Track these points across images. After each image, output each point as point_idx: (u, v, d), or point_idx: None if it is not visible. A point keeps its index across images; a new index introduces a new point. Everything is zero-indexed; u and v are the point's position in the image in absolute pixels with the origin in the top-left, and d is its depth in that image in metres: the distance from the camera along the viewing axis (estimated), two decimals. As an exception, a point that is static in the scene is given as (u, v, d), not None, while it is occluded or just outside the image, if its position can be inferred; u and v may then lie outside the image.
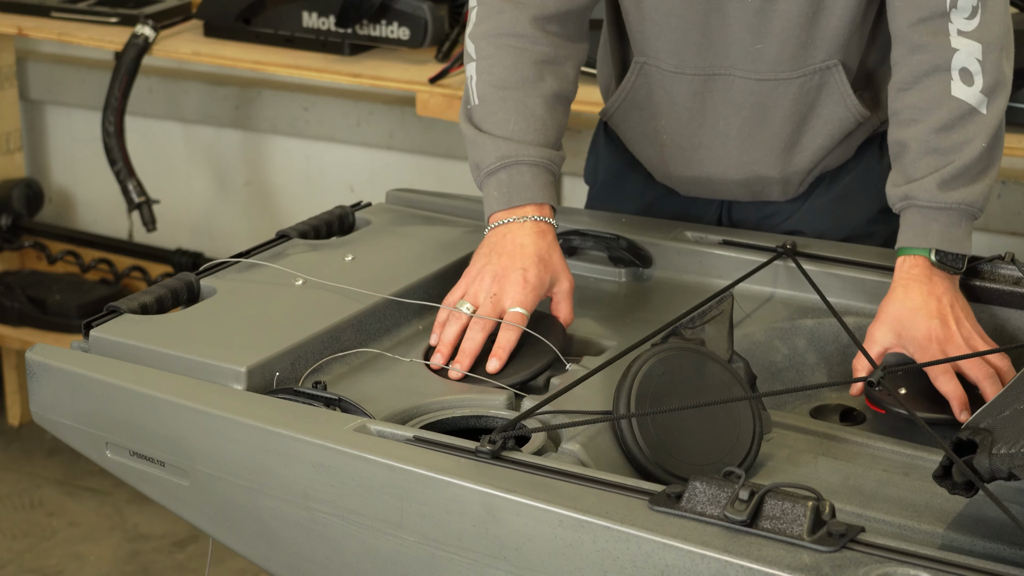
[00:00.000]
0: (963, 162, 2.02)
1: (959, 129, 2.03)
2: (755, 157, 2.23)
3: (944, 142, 2.03)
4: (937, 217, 2.01)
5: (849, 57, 2.18)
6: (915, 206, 2.02)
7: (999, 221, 3.30)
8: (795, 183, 2.27)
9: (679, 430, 1.79)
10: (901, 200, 2.04)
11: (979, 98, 2.04)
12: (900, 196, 2.04)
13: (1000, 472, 1.60)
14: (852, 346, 2.00)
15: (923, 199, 2.01)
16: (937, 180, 2.01)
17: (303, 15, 3.39)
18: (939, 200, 2.01)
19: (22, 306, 3.99)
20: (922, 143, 2.03)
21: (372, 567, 1.71)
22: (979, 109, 2.04)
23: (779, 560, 1.49)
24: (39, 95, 4.33)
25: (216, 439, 1.79)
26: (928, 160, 2.03)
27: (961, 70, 2.03)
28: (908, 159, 2.04)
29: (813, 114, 2.20)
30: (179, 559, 3.54)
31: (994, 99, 2.05)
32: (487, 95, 2.10)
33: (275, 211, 4.14)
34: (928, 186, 2.01)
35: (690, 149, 2.25)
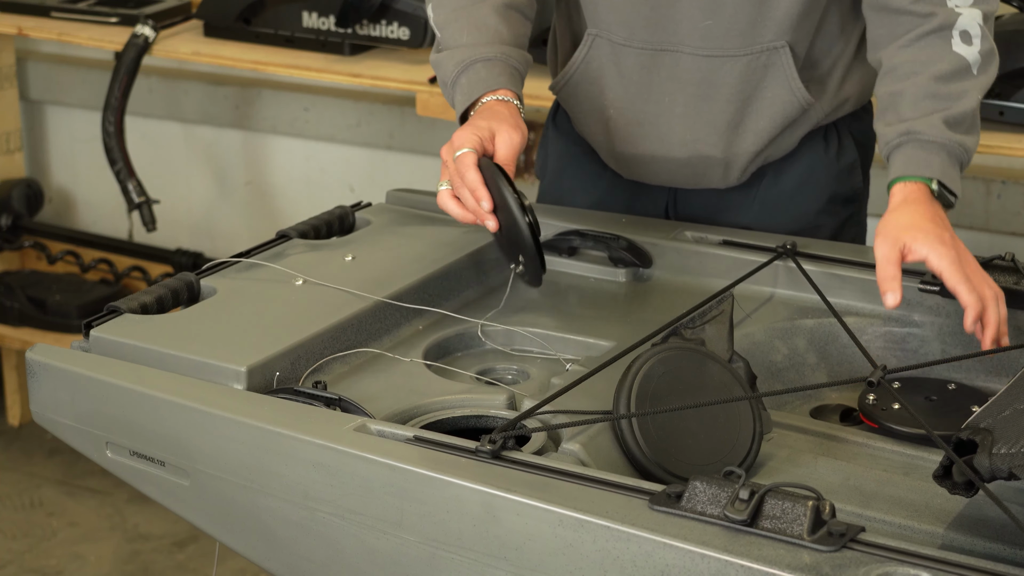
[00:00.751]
0: (961, 109, 2.07)
1: (957, 81, 2.08)
2: (698, 135, 2.25)
3: (944, 89, 2.07)
4: (939, 152, 2.04)
5: (798, 41, 2.21)
6: (918, 140, 2.05)
7: (999, 221, 3.30)
8: (737, 167, 2.28)
9: (679, 430, 1.79)
10: (900, 136, 2.07)
11: (976, 58, 2.10)
12: (900, 132, 2.07)
13: (1000, 472, 1.60)
14: (852, 346, 2.00)
15: (928, 134, 2.04)
16: (941, 118, 2.05)
17: (303, 15, 3.39)
18: (944, 136, 2.04)
19: (22, 306, 3.99)
20: (922, 89, 2.07)
21: (372, 567, 1.71)
22: (973, 68, 2.10)
23: (779, 560, 1.49)
24: (39, 95, 4.33)
25: (216, 439, 1.79)
26: (929, 103, 2.07)
27: (962, 32, 2.10)
28: (906, 103, 2.08)
29: (758, 95, 2.22)
30: (179, 559, 3.54)
31: (986, 66, 2.12)
32: (442, 21, 2.20)
33: (275, 211, 4.14)
34: (934, 122, 2.05)
35: (635, 124, 2.27)
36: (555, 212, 2.30)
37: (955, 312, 2.05)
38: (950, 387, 1.98)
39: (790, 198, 2.31)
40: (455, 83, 2.14)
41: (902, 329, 2.08)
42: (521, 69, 2.16)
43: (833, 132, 2.31)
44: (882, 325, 2.08)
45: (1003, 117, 2.79)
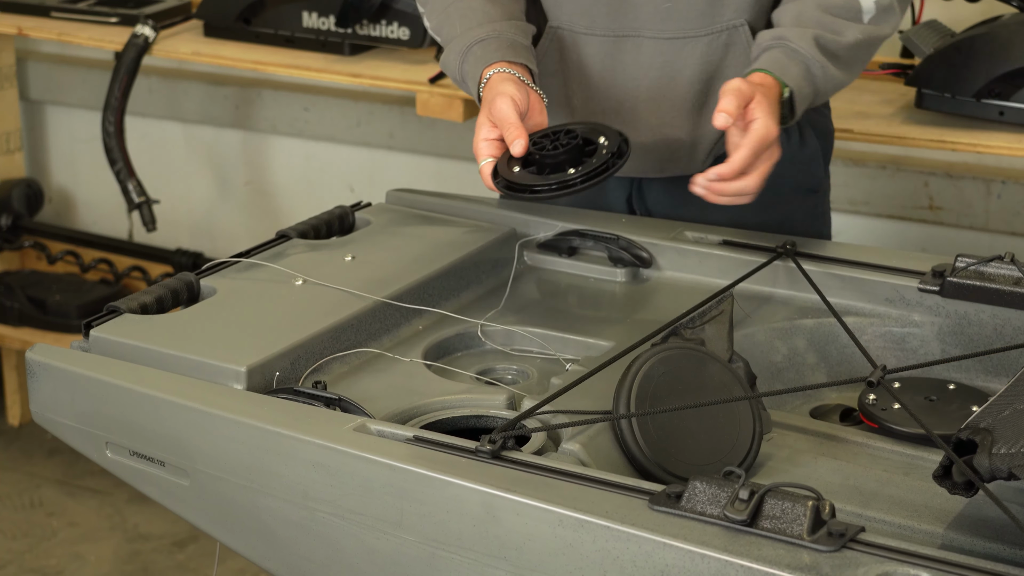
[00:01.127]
0: (835, 40, 2.12)
1: (842, 17, 2.14)
2: (664, 119, 2.27)
3: (826, 18, 2.13)
4: (801, 64, 2.10)
5: (756, 18, 2.24)
6: (786, 47, 2.10)
7: (999, 221, 3.31)
8: (703, 149, 2.29)
9: (679, 430, 1.79)
10: (773, 39, 2.12)
11: (870, 6, 2.15)
12: (773, 36, 2.13)
13: (1000, 472, 1.60)
14: (852, 346, 2.00)
15: (796, 43, 2.10)
16: (813, 35, 2.11)
17: (303, 15, 3.39)
18: (811, 51, 2.10)
19: (22, 306, 3.99)
20: (806, 10, 2.13)
21: (372, 567, 1.71)
22: (864, 15, 2.15)
23: (779, 560, 1.49)
24: (39, 95, 4.33)
25: (216, 439, 1.79)
26: (808, 21, 2.12)
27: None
28: (787, 17, 2.14)
29: (720, 74, 2.25)
30: (179, 559, 3.54)
31: (879, 19, 2.17)
32: (436, 25, 2.23)
33: (275, 211, 4.14)
34: (805, 36, 2.11)
35: (600, 113, 2.28)
36: (555, 212, 2.30)
37: (955, 312, 2.05)
38: (950, 387, 1.98)
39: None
40: (463, 74, 2.16)
41: (902, 329, 2.08)
42: (520, 39, 2.17)
43: (794, 124, 2.32)
44: (882, 325, 2.08)
45: (1003, 117, 2.79)
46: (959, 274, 2.05)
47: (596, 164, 2.00)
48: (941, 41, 2.87)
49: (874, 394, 1.94)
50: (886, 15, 2.18)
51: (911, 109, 2.92)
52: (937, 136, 2.81)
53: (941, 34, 2.92)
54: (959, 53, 2.78)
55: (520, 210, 2.30)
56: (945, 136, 2.81)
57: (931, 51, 2.84)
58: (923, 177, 3.34)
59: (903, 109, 2.94)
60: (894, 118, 2.91)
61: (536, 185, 2.00)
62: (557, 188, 1.99)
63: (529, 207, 2.32)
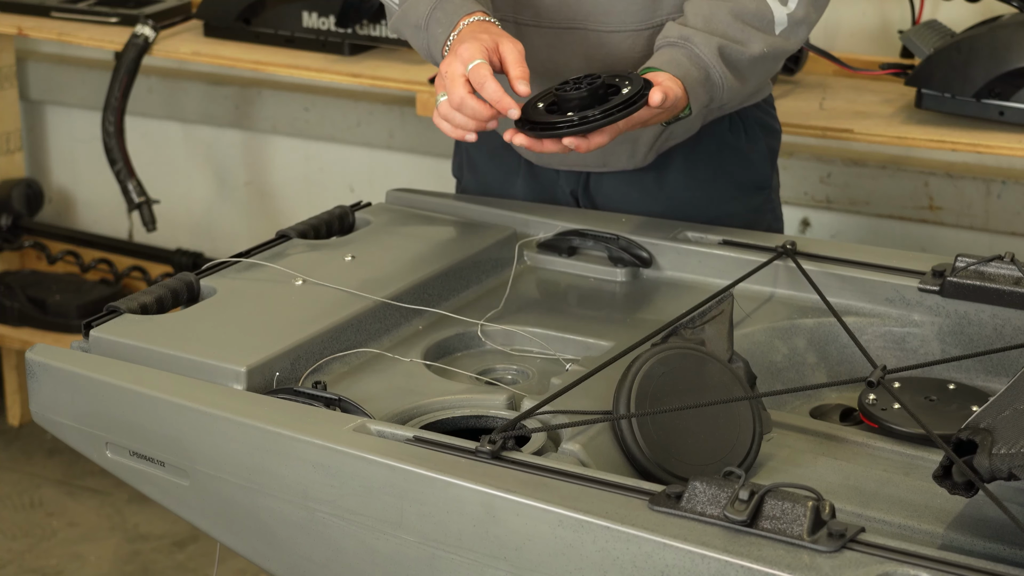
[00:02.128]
0: (739, 52, 2.13)
1: (752, 27, 2.15)
2: None
3: (735, 26, 2.13)
4: (699, 71, 2.10)
5: None
6: (690, 51, 2.11)
7: (999, 221, 3.31)
8: (643, 145, 2.30)
9: (679, 430, 1.79)
10: (679, 38, 2.13)
11: (783, 18, 2.16)
12: (680, 35, 2.13)
13: (1000, 472, 1.60)
14: (852, 346, 2.00)
15: (701, 51, 2.11)
16: (718, 45, 2.11)
17: (303, 15, 3.39)
18: (713, 63, 2.11)
19: (22, 306, 3.98)
20: (717, 13, 2.14)
21: (372, 567, 1.71)
22: (776, 27, 2.16)
23: (779, 560, 1.49)
24: (39, 95, 4.33)
25: (216, 439, 1.79)
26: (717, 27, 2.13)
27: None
28: (698, 15, 2.14)
29: None
30: (179, 559, 3.54)
31: (789, 32, 2.17)
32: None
33: (275, 211, 4.14)
34: (711, 45, 2.11)
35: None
36: (555, 212, 2.30)
37: (955, 312, 2.05)
38: (950, 387, 1.98)
39: (699, 184, 2.34)
40: (429, 19, 2.13)
41: (902, 329, 2.08)
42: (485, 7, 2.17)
43: (738, 120, 2.35)
44: (882, 325, 2.08)
45: (1003, 117, 2.78)
46: (959, 274, 2.05)
47: (616, 101, 2.00)
48: (941, 41, 2.87)
49: (874, 394, 1.94)
50: (796, 29, 2.18)
51: (911, 109, 2.92)
52: (937, 136, 2.81)
53: (941, 34, 2.92)
54: (959, 53, 2.78)
55: (520, 210, 2.30)
56: (945, 136, 2.81)
57: (931, 51, 2.84)
58: (923, 177, 3.34)
59: (903, 109, 2.94)
60: (894, 118, 2.91)
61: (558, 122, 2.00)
62: (578, 124, 1.99)
63: (529, 207, 2.32)
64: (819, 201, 3.44)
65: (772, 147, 2.41)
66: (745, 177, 2.37)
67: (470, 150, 2.47)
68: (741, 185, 2.36)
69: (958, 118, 2.83)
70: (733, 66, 2.14)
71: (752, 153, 2.37)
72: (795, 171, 3.41)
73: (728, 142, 2.35)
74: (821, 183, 3.43)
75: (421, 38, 2.17)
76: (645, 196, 2.34)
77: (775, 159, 2.43)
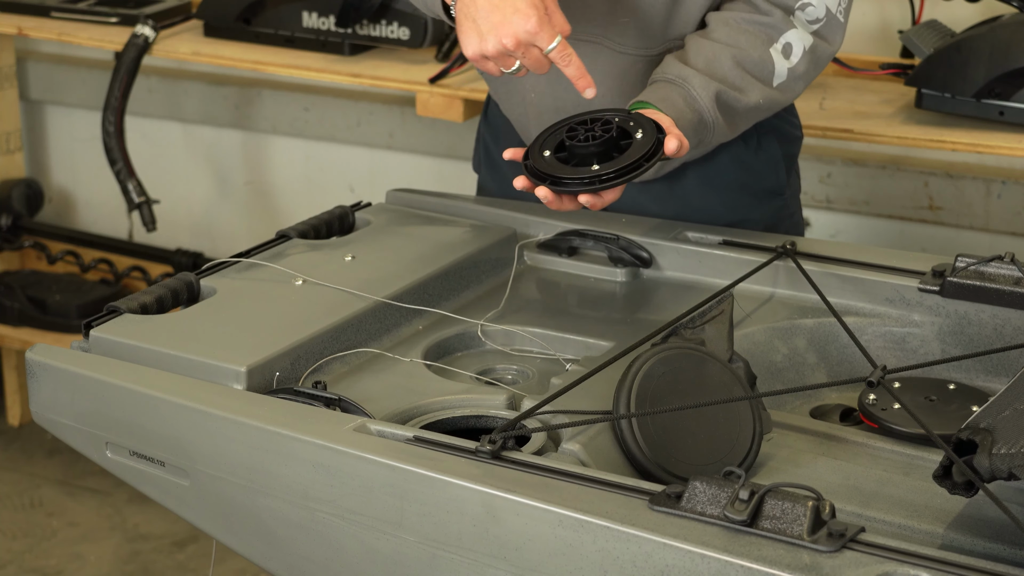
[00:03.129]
0: (735, 100, 2.14)
1: (752, 77, 2.15)
2: None
3: (735, 73, 2.14)
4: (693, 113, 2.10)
5: None
6: (687, 93, 2.11)
7: (999, 221, 3.31)
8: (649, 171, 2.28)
9: (679, 430, 1.79)
10: (678, 77, 2.12)
11: (783, 72, 2.17)
12: (679, 74, 2.13)
13: (1000, 472, 1.60)
14: (852, 346, 2.00)
15: (698, 93, 2.11)
16: (715, 90, 2.12)
17: (303, 15, 3.39)
18: (709, 107, 2.11)
19: (22, 306, 3.98)
20: (720, 58, 2.14)
21: (372, 567, 1.71)
22: (775, 80, 2.16)
23: (779, 560, 1.49)
24: (39, 95, 4.33)
25: (216, 439, 1.79)
26: (717, 72, 2.13)
27: (786, 43, 2.16)
28: (700, 56, 2.14)
29: None
30: (179, 559, 3.54)
31: (786, 86, 2.18)
32: None
33: (275, 211, 4.14)
34: (709, 90, 2.11)
35: (553, 111, 2.27)
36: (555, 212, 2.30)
37: (955, 312, 2.05)
38: (950, 387, 1.98)
39: (713, 191, 2.34)
40: None
41: (902, 329, 2.08)
42: None
43: (751, 130, 2.34)
44: (882, 325, 2.08)
45: (1003, 117, 2.78)
46: (959, 274, 2.05)
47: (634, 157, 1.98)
48: (941, 41, 2.87)
49: (874, 394, 1.94)
50: (794, 83, 2.18)
51: (911, 109, 2.92)
52: (937, 136, 2.81)
53: (941, 34, 2.92)
54: (959, 53, 2.78)
55: (520, 210, 2.30)
56: (945, 136, 2.81)
57: (931, 51, 2.84)
58: (923, 177, 3.34)
59: (903, 109, 2.94)
60: (894, 118, 2.91)
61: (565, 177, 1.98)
62: (588, 182, 1.97)
63: (529, 207, 2.32)
64: (819, 201, 3.44)
65: (789, 152, 2.40)
66: (758, 185, 2.36)
67: (490, 146, 2.47)
68: (755, 193, 2.35)
69: (958, 118, 2.83)
70: (727, 113, 2.14)
71: (765, 161, 2.36)
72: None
73: (741, 150, 2.33)
74: (821, 183, 3.43)
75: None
76: (658, 203, 2.33)
77: (792, 164, 2.41)
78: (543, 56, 1.97)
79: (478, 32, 1.97)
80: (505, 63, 1.98)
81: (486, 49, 1.96)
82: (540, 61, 1.97)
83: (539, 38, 1.95)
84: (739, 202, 2.34)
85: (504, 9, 1.95)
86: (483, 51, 1.96)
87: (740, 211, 2.34)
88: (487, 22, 1.96)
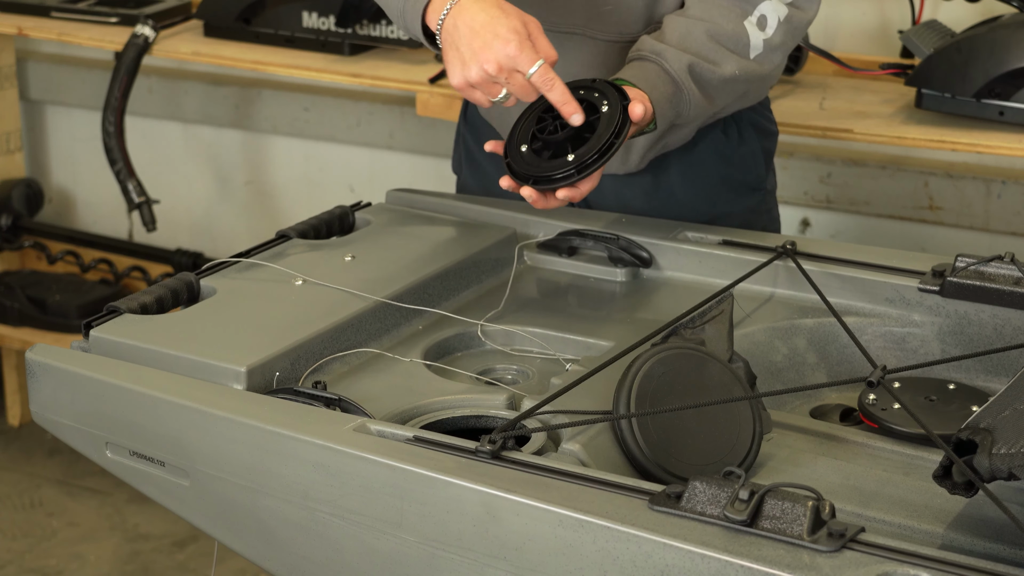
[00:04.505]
0: (710, 71, 2.14)
1: (726, 49, 2.15)
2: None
3: (709, 46, 2.14)
4: (669, 86, 2.11)
5: None
6: (661, 66, 2.12)
7: (999, 221, 3.31)
8: (636, 152, 2.30)
9: (679, 430, 1.79)
10: (651, 52, 2.13)
11: (759, 44, 2.17)
12: (653, 49, 2.14)
13: (1000, 472, 1.60)
14: (852, 346, 2.00)
15: (671, 67, 2.12)
16: (688, 62, 2.12)
17: (303, 15, 3.39)
18: (682, 80, 2.12)
19: (22, 306, 3.99)
20: (693, 32, 2.14)
21: (372, 567, 1.71)
22: (752, 51, 2.17)
23: (779, 560, 1.49)
24: (39, 95, 4.33)
25: (216, 439, 1.79)
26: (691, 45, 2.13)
27: (760, 16, 2.17)
28: (675, 32, 2.14)
29: None
30: (179, 559, 3.54)
31: (763, 58, 2.18)
32: None
33: (275, 211, 4.14)
34: (682, 62, 2.12)
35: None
36: (554, 212, 2.30)
37: (955, 312, 2.05)
38: (950, 387, 1.98)
39: (694, 185, 2.34)
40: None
41: (902, 329, 2.08)
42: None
43: (732, 123, 2.35)
44: (882, 325, 2.08)
45: (1003, 117, 2.79)
46: (959, 274, 2.05)
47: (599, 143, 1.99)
48: (941, 41, 2.87)
49: (874, 394, 1.94)
50: (771, 55, 2.19)
51: (911, 109, 2.92)
52: (937, 136, 2.81)
53: (941, 34, 2.92)
54: (959, 53, 2.78)
55: (520, 210, 2.30)
56: (945, 136, 2.81)
57: (931, 51, 2.84)
58: (923, 177, 3.34)
59: (903, 109, 2.94)
60: (894, 118, 2.91)
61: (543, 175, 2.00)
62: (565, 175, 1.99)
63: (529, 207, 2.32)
64: (819, 201, 3.44)
65: (767, 148, 2.42)
66: (740, 178, 2.37)
67: (470, 146, 2.47)
68: (736, 186, 2.37)
69: (958, 118, 2.83)
70: (702, 85, 2.14)
71: (747, 154, 2.37)
72: (795, 171, 3.41)
73: (722, 144, 2.35)
74: (821, 183, 3.43)
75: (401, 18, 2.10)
76: (640, 198, 2.35)
77: (771, 160, 2.43)
78: (527, 82, 1.98)
79: (461, 60, 1.99)
80: (491, 91, 2.00)
81: (470, 76, 1.98)
82: (524, 87, 1.99)
83: (519, 62, 1.96)
84: (720, 196, 2.35)
85: (484, 35, 1.97)
86: (467, 78, 1.99)
87: (721, 205, 2.35)
88: (468, 48, 1.98)
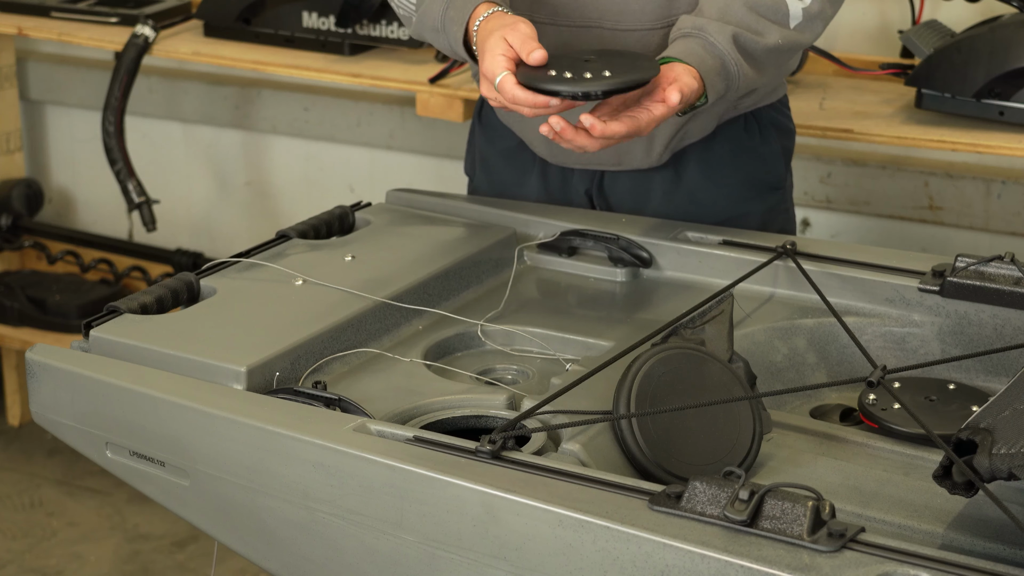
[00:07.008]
0: (754, 42, 2.14)
1: (767, 19, 2.15)
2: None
3: (750, 17, 2.14)
4: (715, 59, 2.11)
5: None
6: (705, 40, 2.11)
7: (999, 221, 3.31)
8: (659, 143, 2.30)
9: (679, 430, 1.79)
10: (693, 28, 2.13)
11: (798, 12, 2.17)
12: (694, 25, 2.13)
13: (1000, 472, 1.60)
14: (852, 346, 2.00)
15: (716, 39, 2.11)
16: (732, 33, 2.12)
17: (303, 15, 3.39)
18: (727, 51, 2.12)
19: (22, 306, 3.98)
20: (732, 8, 2.14)
21: (372, 567, 1.71)
22: (791, 21, 2.16)
23: (779, 560, 1.49)
24: (39, 95, 4.33)
25: (216, 439, 1.79)
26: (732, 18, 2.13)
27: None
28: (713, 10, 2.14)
29: None
30: (179, 559, 3.54)
31: (804, 27, 2.18)
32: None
33: (275, 211, 4.14)
34: (726, 33, 2.12)
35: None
36: (554, 212, 2.30)
37: (955, 312, 2.05)
38: (950, 387, 1.98)
39: (715, 184, 2.34)
40: (444, 19, 2.13)
41: (902, 329, 2.08)
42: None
43: (753, 120, 2.35)
44: (882, 325, 2.08)
45: (1003, 117, 2.79)
46: (959, 274, 2.05)
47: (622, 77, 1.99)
48: (941, 41, 2.87)
49: (874, 394, 1.94)
50: (811, 23, 2.19)
51: (911, 109, 2.92)
52: (937, 136, 2.81)
53: (941, 34, 2.92)
54: (959, 53, 2.78)
55: (520, 210, 2.30)
56: (945, 136, 2.81)
57: (931, 51, 2.84)
58: (923, 177, 3.34)
59: (903, 109, 2.94)
60: (894, 118, 2.91)
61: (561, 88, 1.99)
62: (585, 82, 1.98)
63: (529, 207, 2.32)
64: (819, 201, 3.44)
65: (786, 147, 2.42)
66: (760, 177, 2.37)
67: (483, 149, 2.47)
68: (757, 185, 2.36)
69: (958, 118, 2.83)
70: (748, 55, 2.14)
71: (767, 153, 2.37)
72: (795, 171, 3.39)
73: (743, 142, 2.34)
74: (821, 183, 3.42)
75: (441, 40, 2.17)
76: (660, 196, 2.34)
77: (789, 159, 2.43)
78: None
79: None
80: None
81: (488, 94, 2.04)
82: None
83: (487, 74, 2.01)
84: (741, 195, 2.35)
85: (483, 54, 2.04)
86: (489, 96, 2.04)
87: (741, 204, 2.35)
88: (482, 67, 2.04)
